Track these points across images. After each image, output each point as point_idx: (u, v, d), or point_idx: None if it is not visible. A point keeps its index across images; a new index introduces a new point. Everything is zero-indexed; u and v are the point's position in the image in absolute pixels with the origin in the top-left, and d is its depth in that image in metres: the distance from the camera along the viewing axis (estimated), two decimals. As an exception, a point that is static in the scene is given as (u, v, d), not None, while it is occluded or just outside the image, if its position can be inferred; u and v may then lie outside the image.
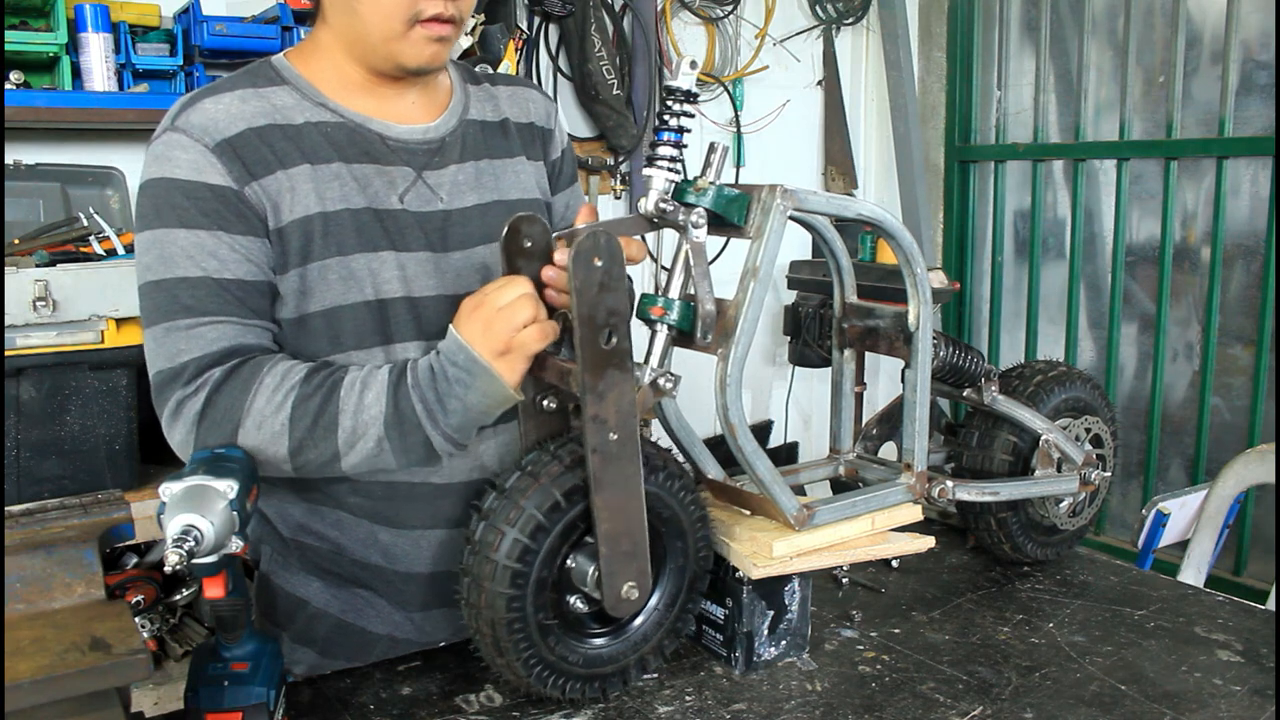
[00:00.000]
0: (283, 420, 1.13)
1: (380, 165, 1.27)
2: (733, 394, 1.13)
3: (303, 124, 1.24)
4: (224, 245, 1.17)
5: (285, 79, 1.27)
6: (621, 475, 1.09)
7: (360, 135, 1.27)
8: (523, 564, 1.07)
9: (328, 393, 1.14)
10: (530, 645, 1.10)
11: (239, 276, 1.18)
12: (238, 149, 1.19)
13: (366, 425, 1.13)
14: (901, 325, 1.34)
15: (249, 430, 1.13)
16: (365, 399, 1.13)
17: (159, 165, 1.19)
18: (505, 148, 1.40)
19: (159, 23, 2.63)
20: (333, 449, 1.14)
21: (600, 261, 1.03)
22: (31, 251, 2.09)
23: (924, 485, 1.36)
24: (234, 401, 1.13)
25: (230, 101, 1.22)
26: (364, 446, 1.14)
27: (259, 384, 1.14)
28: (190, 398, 1.15)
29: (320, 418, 1.13)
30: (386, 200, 1.26)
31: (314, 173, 1.22)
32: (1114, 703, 1.22)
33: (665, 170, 1.13)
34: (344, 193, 1.23)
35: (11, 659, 0.94)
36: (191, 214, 1.16)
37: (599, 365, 1.05)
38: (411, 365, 1.15)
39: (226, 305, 1.17)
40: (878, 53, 4.18)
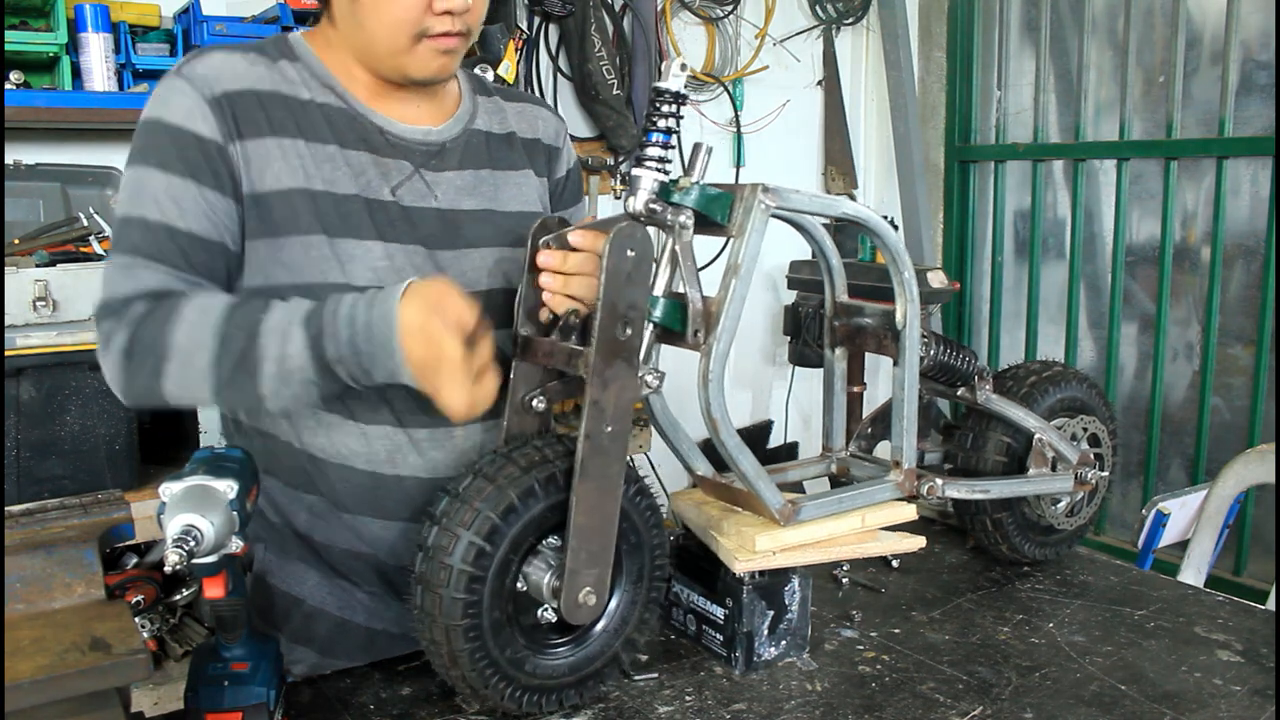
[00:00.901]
0: (205, 360, 1.12)
1: (377, 156, 1.27)
2: (715, 389, 1.14)
3: (307, 100, 1.25)
4: (190, 195, 1.19)
5: (298, 55, 1.28)
6: (606, 471, 1.09)
7: (361, 124, 1.28)
8: (478, 568, 1.06)
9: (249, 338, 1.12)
10: (485, 654, 1.08)
11: (191, 229, 1.19)
12: (234, 105, 1.20)
13: (290, 374, 1.12)
14: (890, 324, 1.35)
15: (172, 368, 1.13)
16: (288, 349, 1.12)
17: (156, 106, 1.21)
18: (509, 160, 1.40)
19: (159, 23, 2.63)
20: (255, 392, 1.13)
21: (633, 253, 1.06)
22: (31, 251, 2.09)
23: (913, 483, 1.36)
24: (155, 338, 1.14)
25: (240, 61, 1.24)
26: (290, 393, 1.14)
27: (179, 319, 1.13)
28: (117, 333, 1.17)
29: (243, 361, 1.12)
30: (378, 191, 1.26)
31: (308, 149, 1.23)
32: (1114, 703, 1.22)
33: (654, 170, 1.13)
34: (335, 176, 1.24)
35: (11, 659, 0.94)
36: (171, 159, 1.19)
37: (611, 354, 1.07)
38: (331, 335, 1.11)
39: (169, 254, 1.18)
40: (878, 53, 4.18)
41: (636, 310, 1.08)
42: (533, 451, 1.12)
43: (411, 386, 1.13)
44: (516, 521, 1.08)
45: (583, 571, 1.10)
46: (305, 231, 1.22)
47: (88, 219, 2.25)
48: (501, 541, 1.07)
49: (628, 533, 1.17)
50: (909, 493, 1.36)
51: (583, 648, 1.17)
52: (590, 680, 1.19)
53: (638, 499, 1.17)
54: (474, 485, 1.09)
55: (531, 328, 1.21)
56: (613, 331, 1.07)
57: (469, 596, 1.06)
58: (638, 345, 1.09)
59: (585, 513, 1.09)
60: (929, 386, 1.53)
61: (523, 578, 1.12)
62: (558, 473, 1.10)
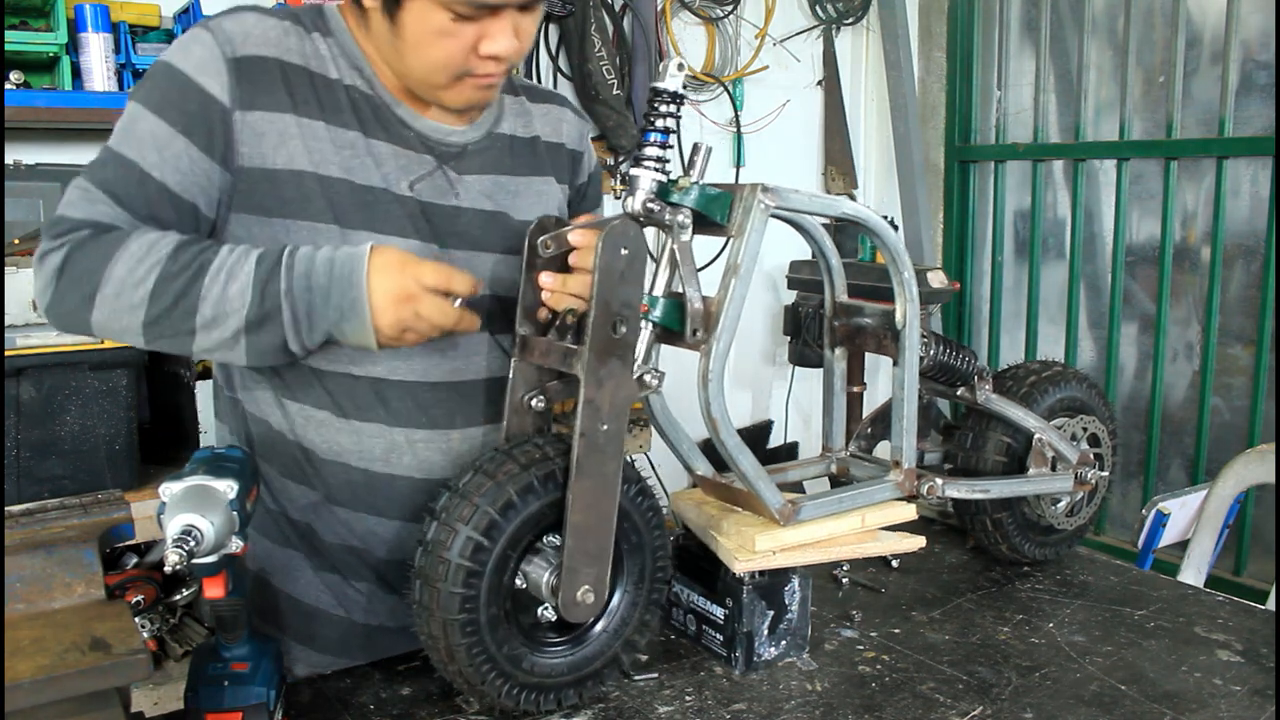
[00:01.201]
0: (142, 295, 1.10)
1: (398, 148, 1.25)
2: (714, 389, 1.14)
3: (335, 80, 1.22)
4: (176, 149, 1.16)
5: (332, 30, 1.25)
6: (602, 469, 1.09)
7: (386, 114, 1.25)
8: (475, 562, 1.06)
9: (192, 277, 1.10)
10: (482, 650, 1.09)
11: (165, 182, 1.16)
12: (254, 72, 1.17)
13: (226, 316, 1.11)
14: (889, 324, 1.35)
15: (106, 297, 1.11)
16: (229, 290, 1.10)
17: (174, 51, 1.18)
18: (533, 165, 1.38)
19: (159, 23, 2.63)
20: (188, 330, 1.12)
21: (626, 251, 1.06)
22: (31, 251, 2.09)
23: (912, 482, 1.36)
24: (94, 265, 1.11)
25: (274, 27, 1.20)
26: (219, 335, 1.12)
27: (123, 249, 1.11)
28: (53, 251, 1.13)
29: (181, 300, 1.10)
30: (396, 184, 1.24)
31: (328, 133, 1.20)
32: (1114, 703, 1.22)
33: (652, 170, 1.13)
34: (354, 164, 1.21)
35: (11, 659, 0.94)
36: (168, 106, 1.16)
37: (605, 352, 1.07)
38: (287, 267, 1.11)
39: (133, 200, 1.16)
40: (878, 53, 4.18)
41: (630, 308, 1.08)
42: (533, 449, 1.12)
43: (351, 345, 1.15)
44: (515, 518, 1.08)
45: (580, 570, 1.10)
46: (314, 218, 1.19)
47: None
48: (500, 537, 1.07)
49: (629, 533, 1.17)
50: (909, 493, 1.36)
51: (582, 647, 1.17)
52: (589, 680, 1.19)
53: (639, 499, 1.17)
54: (474, 481, 1.09)
55: (530, 327, 1.21)
56: (606, 330, 1.07)
57: (466, 591, 1.06)
58: (632, 343, 1.10)
59: (582, 511, 1.09)
60: (929, 386, 1.53)
61: (522, 575, 1.12)
62: (557, 470, 1.10)
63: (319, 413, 1.27)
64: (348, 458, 1.28)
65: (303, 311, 1.11)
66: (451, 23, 1.13)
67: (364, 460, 1.28)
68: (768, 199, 1.14)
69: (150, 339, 1.14)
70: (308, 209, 1.19)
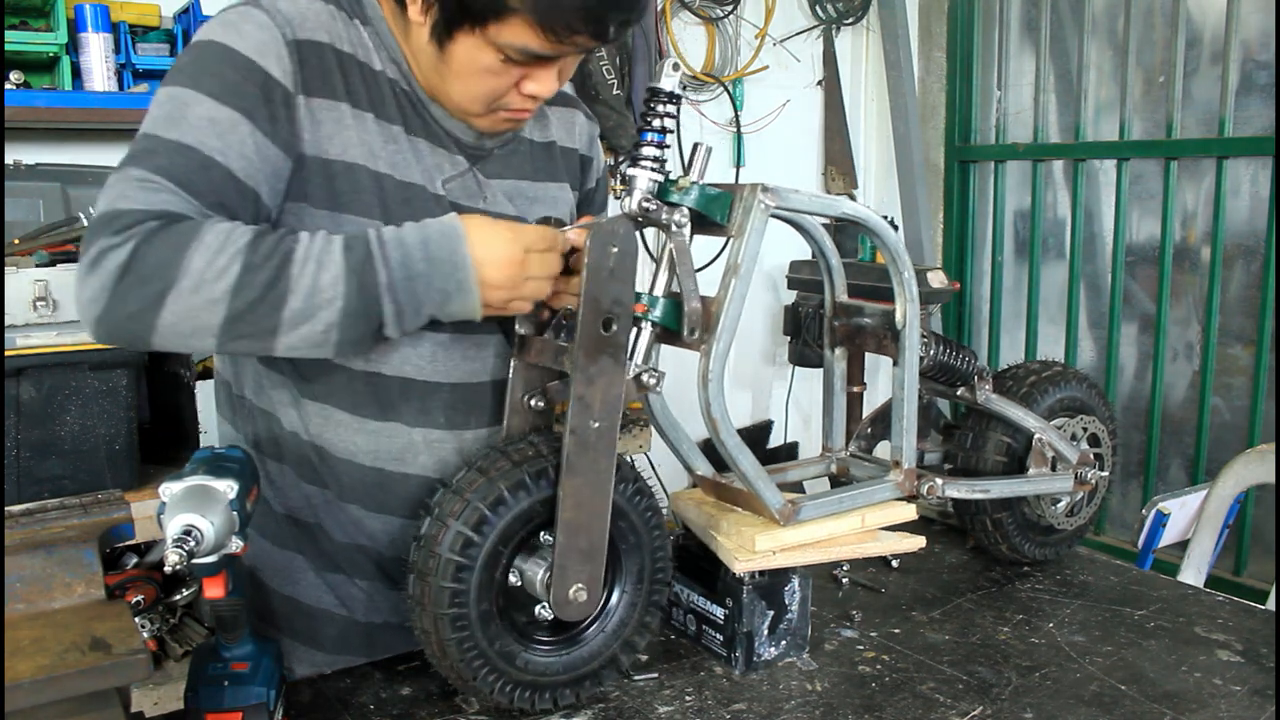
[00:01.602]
0: (224, 288, 1.00)
1: (435, 146, 1.24)
2: (714, 389, 1.14)
3: (379, 71, 1.19)
4: (240, 133, 1.07)
5: (369, 18, 1.20)
6: (594, 467, 1.09)
7: (423, 110, 1.23)
8: (465, 557, 1.07)
9: (279, 266, 1.02)
10: (473, 645, 1.09)
11: (231, 168, 1.07)
12: (313, 57, 1.12)
13: (317, 309, 1.02)
14: (889, 324, 1.35)
15: (181, 292, 1.00)
16: (321, 280, 1.02)
17: (223, 30, 1.10)
18: (549, 171, 1.37)
19: (159, 23, 2.63)
20: (270, 327, 1.02)
21: (615, 249, 1.06)
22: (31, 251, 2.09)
23: (912, 482, 1.36)
24: (167, 258, 0.99)
25: (321, 10, 1.15)
26: (308, 330, 1.03)
27: (198, 240, 1.00)
28: (115, 249, 1.00)
29: (269, 292, 1.01)
30: (432, 183, 1.23)
31: (377, 126, 1.17)
32: (1114, 703, 1.22)
33: (649, 170, 1.13)
34: (397, 160, 1.19)
35: (11, 659, 0.94)
36: (227, 89, 1.07)
37: (594, 350, 1.07)
38: (382, 258, 1.04)
39: (199, 185, 1.06)
40: (878, 53, 4.18)
41: (621, 305, 1.08)
42: (527, 446, 1.12)
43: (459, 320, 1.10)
44: (506, 513, 1.08)
45: (572, 567, 1.10)
46: (362, 213, 1.16)
47: (88, 219, 2.25)
48: (490, 532, 1.08)
49: (626, 532, 1.17)
50: (909, 493, 1.36)
51: (578, 647, 1.17)
52: (587, 680, 1.19)
53: (636, 499, 1.17)
54: (466, 477, 1.10)
55: (529, 327, 1.21)
56: (597, 327, 1.07)
57: (456, 585, 1.06)
58: (624, 341, 1.09)
59: (573, 508, 1.09)
60: (929, 386, 1.53)
61: (518, 573, 1.12)
62: (550, 467, 1.10)
63: (338, 413, 1.26)
64: (362, 457, 1.28)
65: (406, 301, 1.06)
66: (501, 64, 1.12)
67: (379, 460, 1.28)
68: (768, 199, 1.14)
69: (226, 339, 1.03)
70: (356, 203, 1.16)
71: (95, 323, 1.03)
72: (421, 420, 1.28)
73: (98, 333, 1.04)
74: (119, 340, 1.05)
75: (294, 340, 1.04)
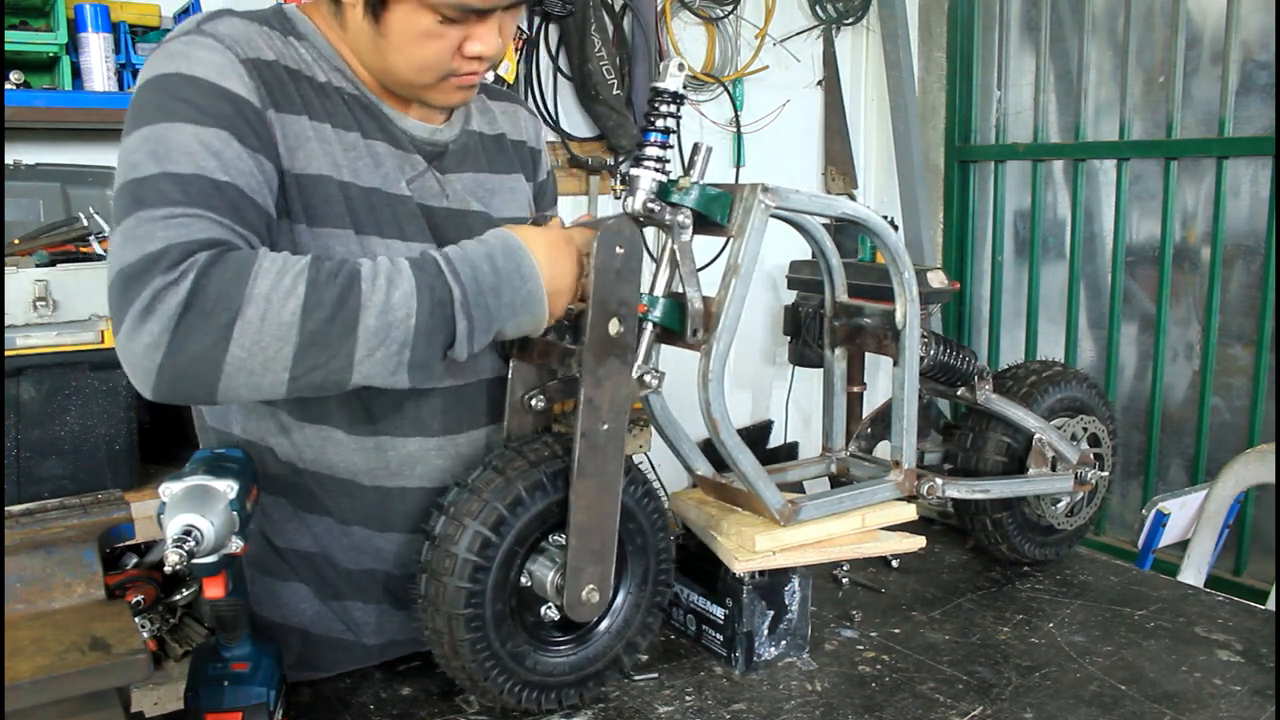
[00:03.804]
0: (293, 310, 0.93)
1: (391, 148, 1.22)
2: (715, 389, 1.14)
3: (324, 83, 1.17)
4: (232, 149, 1.03)
5: (303, 33, 1.19)
6: (603, 468, 1.09)
7: (376, 113, 1.22)
8: (483, 558, 1.06)
9: (347, 283, 0.96)
10: (486, 646, 1.09)
11: (239, 185, 1.02)
12: (268, 74, 1.10)
13: (391, 327, 0.97)
14: (889, 324, 1.35)
15: (250, 321, 0.93)
16: (393, 297, 0.98)
17: (173, 62, 1.04)
18: (504, 163, 1.38)
19: (159, 23, 2.63)
20: (347, 352, 0.97)
21: (621, 249, 1.06)
22: (31, 251, 2.09)
23: (913, 483, 1.36)
24: (230, 288, 0.92)
25: (256, 31, 1.13)
26: (384, 354, 0.98)
27: (258, 268, 0.94)
28: (171, 286, 0.92)
29: (339, 311, 0.95)
30: (395, 184, 1.21)
31: (335, 135, 1.16)
32: (1114, 703, 1.22)
33: (652, 170, 1.13)
34: (358, 166, 1.17)
35: (11, 659, 0.94)
36: (205, 113, 1.02)
37: (603, 351, 1.07)
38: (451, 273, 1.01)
39: (217, 205, 1.00)
40: (878, 53, 4.18)
41: (628, 306, 1.08)
42: (542, 446, 1.13)
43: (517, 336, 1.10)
44: (523, 514, 1.08)
45: (584, 569, 1.11)
46: (334, 224, 1.15)
47: (88, 219, 2.25)
48: (508, 533, 1.08)
49: (634, 534, 1.17)
50: (909, 493, 1.36)
51: (585, 647, 1.17)
52: (590, 680, 1.19)
53: (644, 500, 1.18)
54: (483, 476, 1.10)
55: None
56: (604, 329, 1.07)
57: (473, 586, 1.06)
58: (631, 342, 1.10)
59: (584, 510, 1.09)
60: (929, 386, 1.53)
61: (528, 574, 1.12)
62: (567, 468, 1.10)
63: (335, 432, 1.23)
64: (360, 477, 1.24)
65: (479, 317, 1.03)
66: (439, 25, 1.11)
67: (375, 478, 1.25)
68: (768, 199, 1.14)
69: (300, 371, 0.96)
70: (328, 215, 1.15)
71: (156, 373, 0.95)
72: (418, 429, 1.26)
73: (158, 386, 0.96)
74: (181, 392, 0.97)
75: (370, 368, 0.99)
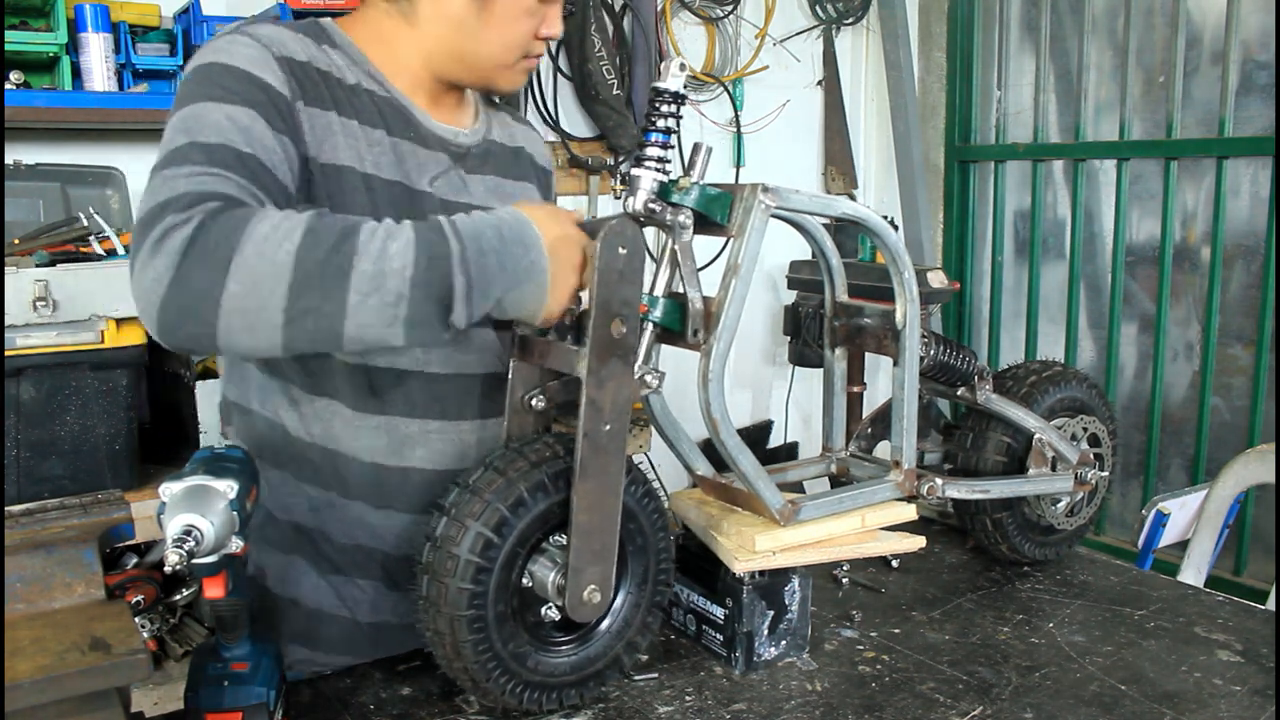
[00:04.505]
0: (289, 250, 0.96)
1: (417, 146, 1.30)
2: (715, 389, 1.14)
3: (354, 85, 1.25)
4: (258, 126, 1.10)
5: (337, 43, 1.27)
6: (605, 469, 1.09)
7: (404, 113, 1.29)
8: (485, 559, 1.06)
9: (345, 231, 0.99)
10: (488, 647, 1.09)
11: (260, 158, 1.09)
12: (300, 72, 1.19)
13: (386, 276, 0.98)
14: (889, 324, 1.35)
15: (247, 257, 0.96)
16: (390, 247, 0.99)
17: (214, 54, 1.14)
18: (520, 172, 1.45)
19: (159, 23, 2.63)
20: (340, 298, 0.97)
21: (624, 250, 1.06)
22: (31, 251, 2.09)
23: (913, 483, 1.36)
24: (231, 230, 0.97)
25: (291, 37, 1.22)
26: (377, 302, 0.98)
27: (262, 216, 0.99)
28: (179, 226, 0.97)
29: (334, 254, 0.97)
30: (417, 181, 1.28)
31: (361, 131, 1.24)
32: (1114, 703, 1.22)
33: (653, 170, 1.14)
34: (382, 161, 1.25)
35: (11, 659, 0.94)
36: (237, 96, 1.11)
37: (605, 352, 1.07)
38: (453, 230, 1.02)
39: (237, 170, 1.06)
40: (878, 53, 4.18)
41: (630, 307, 1.08)
42: (544, 447, 1.12)
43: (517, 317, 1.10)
44: (525, 515, 1.08)
45: (586, 569, 1.11)
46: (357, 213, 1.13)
47: (88, 219, 2.25)
48: (510, 534, 1.08)
49: (634, 534, 1.17)
50: (909, 493, 1.36)
51: (585, 647, 1.17)
52: (591, 681, 1.19)
53: (645, 501, 1.18)
54: (484, 477, 1.10)
55: (528, 327, 1.21)
56: (607, 330, 1.07)
57: (475, 587, 1.06)
58: (633, 343, 1.10)
59: (586, 511, 1.09)
60: (929, 386, 1.53)
61: (528, 575, 1.12)
62: (568, 469, 1.10)
63: (341, 408, 1.29)
64: (361, 454, 1.30)
65: (476, 276, 1.02)
66: (538, 4, 1.26)
67: (374, 455, 1.30)
68: (768, 199, 1.14)
69: (294, 314, 0.97)
70: (351, 204, 1.20)
71: (160, 308, 0.98)
72: (419, 411, 1.30)
73: (163, 321, 0.98)
74: (183, 330, 0.99)
75: (365, 316, 0.98)
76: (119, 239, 2.25)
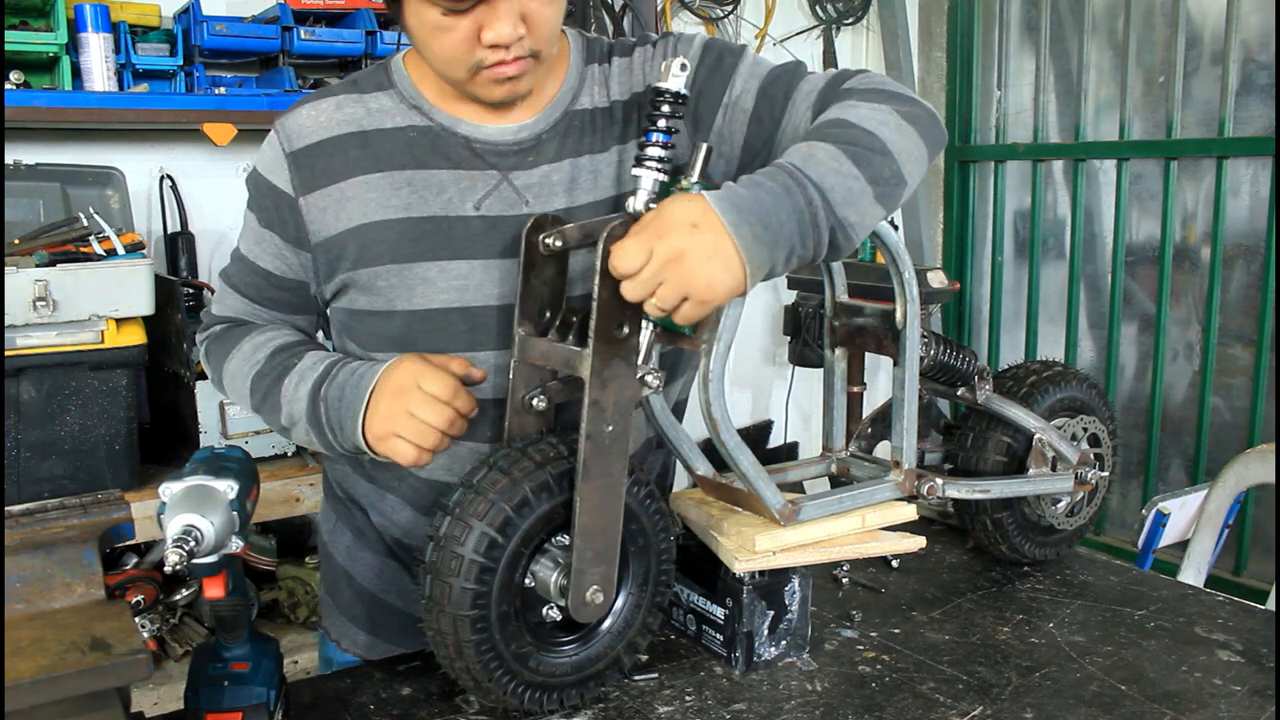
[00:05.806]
0: (245, 390, 1.33)
1: (460, 170, 1.26)
2: (715, 390, 1.14)
3: (390, 129, 1.27)
4: (267, 240, 1.32)
5: (394, 83, 1.30)
6: (608, 470, 1.09)
7: (445, 139, 1.26)
8: (489, 559, 1.06)
9: (275, 379, 1.28)
10: (491, 647, 1.09)
11: (268, 269, 1.34)
12: (309, 159, 1.27)
13: (296, 418, 1.27)
14: (889, 324, 1.35)
15: (228, 386, 1.37)
16: (299, 393, 1.25)
17: (259, 155, 1.33)
18: (604, 139, 1.29)
19: (159, 23, 2.63)
20: (279, 425, 1.30)
21: None
22: (31, 251, 2.09)
23: (913, 483, 1.36)
24: (218, 360, 1.37)
25: (325, 109, 1.28)
26: (298, 433, 1.28)
27: (238, 349, 1.34)
28: (200, 344, 1.43)
29: (268, 400, 1.29)
30: (460, 207, 1.25)
31: (385, 180, 1.25)
32: (1114, 703, 1.22)
33: (654, 170, 1.13)
34: (410, 201, 1.25)
35: (11, 659, 0.94)
36: (258, 207, 1.33)
37: (608, 353, 1.07)
38: (331, 375, 1.25)
39: (249, 286, 1.37)
40: (878, 53, 4.18)
41: (633, 308, 1.08)
42: (548, 447, 1.12)
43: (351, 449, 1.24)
44: (529, 515, 1.08)
45: (589, 570, 1.11)
46: (372, 263, 1.26)
47: (88, 219, 2.25)
48: (514, 534, 1.08)
49: (636, 535, 1.17)
50: (909, 493, 1.36)
51: (586, 647, 1.17)
52: (591, 681, 1.19)
53: (647, 502, 1.18)
54: (488, 477, 1.09)
55: (529, 327, 1.21)
56: (610, 331, 1.07)
57: (479, 587, 1.06)
58: (636, 344, 1.10)
59: (589, 512, 1.09)
60: (929, 386, 1.53)
61: (531, 575, 1.12)
62: (572, 469, 1.10)
63: None
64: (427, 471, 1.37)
65: (333, 415, 1.22)
66: (444, 16, 1.12)
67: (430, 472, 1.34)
68: (768, 199, 1.14)
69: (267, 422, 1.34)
70: (365, 257, 1.26)
71: None
72: None
73: None
74: None
75: (298, 438, 1.30)
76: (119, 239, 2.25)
